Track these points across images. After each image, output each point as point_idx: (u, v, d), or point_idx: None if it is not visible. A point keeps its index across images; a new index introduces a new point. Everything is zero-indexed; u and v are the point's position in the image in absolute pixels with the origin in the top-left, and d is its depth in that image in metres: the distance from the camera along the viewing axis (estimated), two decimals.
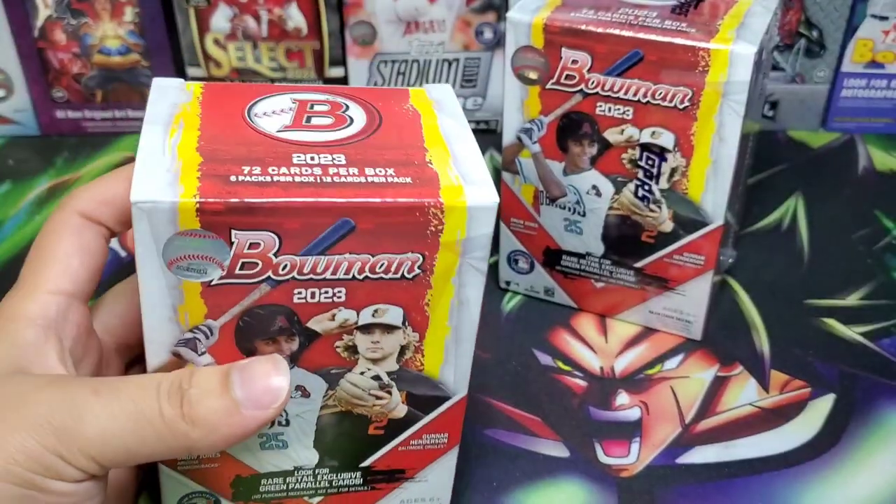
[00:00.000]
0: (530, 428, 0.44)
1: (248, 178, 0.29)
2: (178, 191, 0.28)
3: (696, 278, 0.47)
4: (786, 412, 0.45)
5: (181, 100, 0.34)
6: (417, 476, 0.37)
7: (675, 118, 0.43)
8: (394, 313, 0.32)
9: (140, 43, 0.66)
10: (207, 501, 0.36)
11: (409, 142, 0.33)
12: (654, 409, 0.45)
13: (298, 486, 0.36)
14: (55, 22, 0.65)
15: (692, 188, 0.44)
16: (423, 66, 0.67)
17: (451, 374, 0.35)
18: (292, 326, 0.32)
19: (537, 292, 0.52)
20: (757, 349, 0.49)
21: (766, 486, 0.41)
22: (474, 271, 0.32)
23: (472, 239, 0.31)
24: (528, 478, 0.42)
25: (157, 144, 0.31)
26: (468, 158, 0.33)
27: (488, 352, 0.49)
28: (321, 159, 0.31)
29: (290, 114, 0.34)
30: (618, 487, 0.41)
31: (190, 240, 0.29)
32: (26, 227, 0.59)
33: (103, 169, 0.65)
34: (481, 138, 0.68)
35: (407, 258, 0.31)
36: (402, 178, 0.31)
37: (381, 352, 0.33)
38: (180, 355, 0.32)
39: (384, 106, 0.35)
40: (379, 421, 0.35)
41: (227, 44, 0.66)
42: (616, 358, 0.48)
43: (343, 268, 0.31)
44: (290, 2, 0.65)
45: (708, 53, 0.41)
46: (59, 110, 0.68)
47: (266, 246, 0.30)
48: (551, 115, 0.45)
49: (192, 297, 0.30)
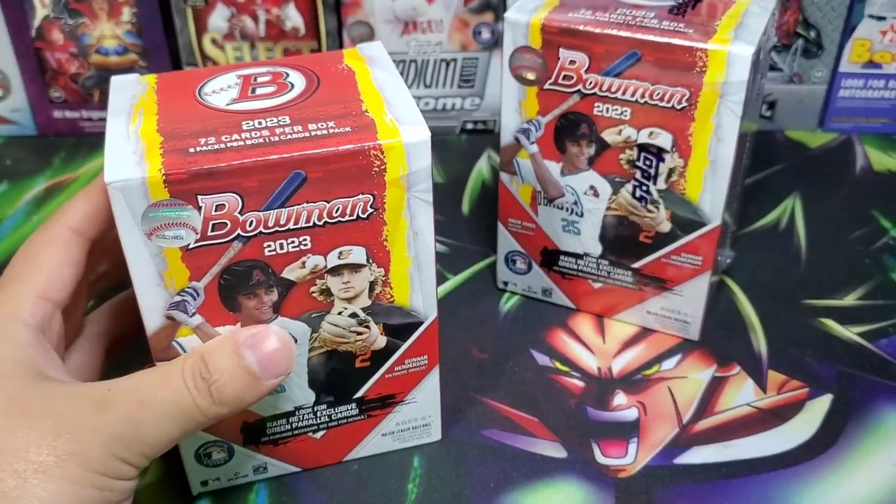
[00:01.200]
0: (528, 428, 0.44)
1: (205, 148, 0.33)
2: (145, 167, 0.32)
3: (693, 279, 0.47)
4: (783, 412, 0.45)
5: (139, 91, 0.37)
6: (407, 398, 0.41)
7: (672, 118, 0.43)
8: (357, 253, 0.36)
9: (137, 43, 0.66)
10: (221, 449, 0.40)
11: (346, 96, 0.36)
12: (651, 409, 0.45)
13: (301, 424, 0.40)
14: (52, 22, 0.65)
15: (690, 188, 0.44)
16: (421, 66, 0.67)
17: (419, 300, 0.38)
18: (269, 278, 0.35)
19: (535, 293, 0.52)
20: (754, 349, 0.49)
21: (764, 486, 0.41)
22: (421, 203, 0.36)
23: (413, 173, 0.35)
24: (526, 478, 0.42)
25: (122, 132, 0.34)
26: (401, 104, 0.36)
27: (486, 352, 0.49)
28: (268, 122, 0.35)
29: (237, 88, 0.37)
30: (615, 488, 0.41)
31: (163, 210, 0.33)
32: (24, 227, 0.59)
33: (101, 169, 0.65)
34: (479, 139, 0.69)
35: (359, 200, 0.35)
36: (343, 128, 0.34)
37: (353, 290, 0.37)
38: (173, 318, 0.35)
39: (321, 69, 0.39)
40: (363, 354, 0.39)
41: (224, 44, 0.66)
42: (613, 358, 0.48)
43: (303, 217, 0.34)
44: (287, 2, 0.65)
45: (706, 54, 0.40)
46: (57, 110, 0.68)
47: (231, 206, 0.33)
48: (549, 115, 0.45)
49: (175, 262, 0.34)
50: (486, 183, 0.64)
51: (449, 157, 0.67)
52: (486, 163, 0.66)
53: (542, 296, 0.52)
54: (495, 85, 0.68)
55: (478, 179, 0.64)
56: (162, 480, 0.42)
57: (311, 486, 0.41)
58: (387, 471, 0.42)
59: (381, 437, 0.42)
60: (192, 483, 0.41)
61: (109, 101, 0.37)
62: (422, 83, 0.68)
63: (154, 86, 0.38)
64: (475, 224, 0.59)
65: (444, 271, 0.55)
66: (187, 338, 0.36)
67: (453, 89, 0.68)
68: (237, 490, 0.41)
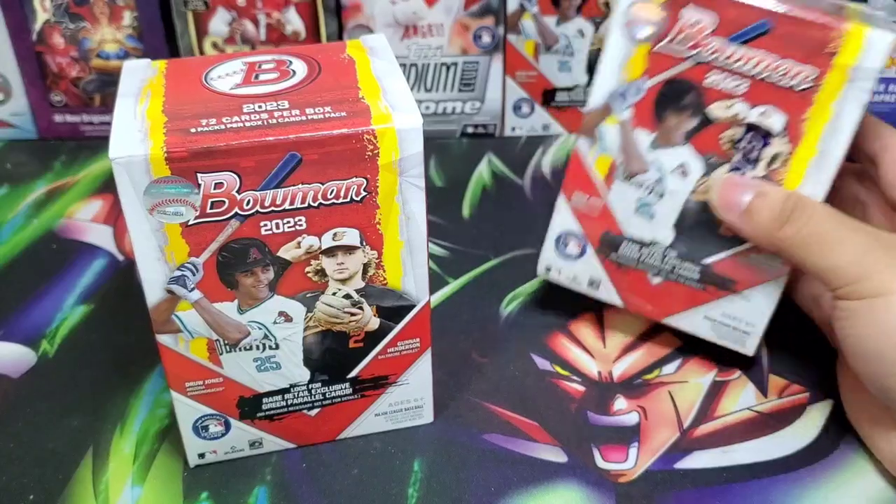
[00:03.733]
0: (528, 433, 0.44)
1: (206, 129, 0.34)
2: (148, 145, 0.34)
3: (767, 283, 0.43)
4: (784, 417, 0.45)
5: (148, 75, 0.39)
6: (399, 380, 0.42)
7: (790, 99, 0.40)
8: (351, 235, 0.37)
9: (138, 47, 0.66)
10: (218, 423, 0.41)
11: (344, 83, 0.38)
12: (652, 414, 0.45)
13: (296, 401, 0.41)
14: (53, 26, 0.65)
15: (790, 179, 0.41)
16: (422, 70, 0.67)
17: (411, 283, 0.39)
18: (265, 257, 0.37)
19: (579, 284, 0.47)
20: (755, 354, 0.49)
21: (765, 491, 0.41)
22: (414, 188, 0.37)
23: (405, 158, 0.36)
24: (526, 483, 0.42)
25: (129, 112, 0.36)
26: (397, 92, 0.37)
27: (486, 356, 0.49)
28: (268, 106, 0.36)
29: (241, 74, 0.39)
30: (616, 493, 0.41)
31: (164, 186, 0.34)
32: (24, 231, 0.59)
33: (101, 173, 0.65)
34: (479, 142, 0.69)
35: (353, 182, 0.36)
36: (338, 113, 0.36)
37: (347, 272, 0.38)
38: (173, 292, 0.37)
39: (323, 57, 0.40)
40: (357, 335, 0.40)
41: (225, 48, 0.66)
42: (614, 363, 0.48)
43: (299, 198, 0.36)
44: (288, 6, 0.65)
45: (841, 34, 0.38)
46: (58, 114, 0.68)
47: (229, 185, 0.35)
48: (655, 78, 0.42)
49: (175, 237, 0.35)
50: (487, 187, 0.64)
51: (449, 161, 0.67)
52: (487, 166, 0.66)
53: (586, 288, 0.47)
54: (495, 89, 0.68)
55: (478, 183, 0.64)
56: (161, 453, 0.42)
57: (312, 488, 0.41)
58: (387, 474, 0.42)
59: (375, 417, 0.43)
60: (190, 455, 0.42)
61: (120, 83, 0.38)
62: (422, 87, 0.68)
63: (163, 70, 0.39)
64: (475, 228, 0.59)
65: (444, 275, 0.55)
66: (187, 312, 0.37)
67: (454, 93, 0.68)
68: (237, 491, 0.41)
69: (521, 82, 0.68)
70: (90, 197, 0.63)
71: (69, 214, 0.61)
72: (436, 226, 0.59)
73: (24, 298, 0.53)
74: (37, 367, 0.48)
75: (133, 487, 0.41)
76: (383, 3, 0.65)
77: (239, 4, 0.64)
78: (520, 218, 0.60)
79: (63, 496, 0.41)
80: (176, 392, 0.40)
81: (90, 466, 0.42)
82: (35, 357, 0.49)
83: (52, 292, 0.54)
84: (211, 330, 0.38)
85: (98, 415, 0.45)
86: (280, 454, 0.43)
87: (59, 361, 0.49)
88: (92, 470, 0.42)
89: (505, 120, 0.70)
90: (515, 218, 0.60)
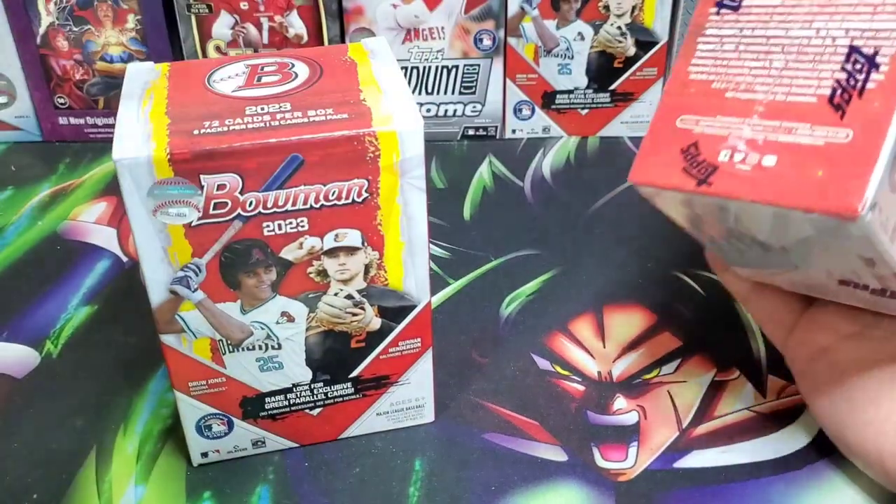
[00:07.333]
0: (528, 432, 0.44)
1: (209, 130, 0.35)
2: (151, 147, 0.34)
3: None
4: (783, 417, 0.45)
5: (152, 77, 0.39)
6: (401, 380, 0.43)
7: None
8: (353, 236, 0.37)
9: (142, 50, 0.67)
10: (221, 422, 0.41)
11: (346, 86, 0.38)
12: (651, 413, 0.45)
13: (298, 400, 0.42)
14: (58, 29, 0.65)
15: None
16: (423, 73, 0.68)
17: (412, 284, 0.40)
18: (268, 258, 0.37)
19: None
20: (754, 354, 0.49)
21: (763, 490, 0.41)
22: (415, 189, 0.37)
23: (406, 160, 0.36)
24: (526, 482, 0.42)
25: (133, 114, 0.36)
26: (398, 94, 0.38)
27: (486, 356, 0.49)
28: (270, 108, 0.36)
29: (244, 76, 0.39)
30: (615, 491, 0.41)
31: (167, 187, 0.34)
32: (28, 233, 0.60)
33: (105, 175, 0.66)
34: (480, 145, 0.69)
35: (354, 184, 0.36)
36: (340, 115, 0.36)
37: (349, 273, 0.38)
38: (176, 293, 0.37)
39: (325, 60, 0.40)
40: (359, 335, 0.40)
41: (228, 51, 0.66)
42: (614, 362, 0.49)
43: (301, 199, 0.36)
44: (290, 9, 0.65)
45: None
46: (62, 117, 0.69)
47: (231, 186, 0.35)
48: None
49: (178, 238, 0.36)
50: (488, 189, 0.64)
51: (450, 163, 0.67)
52: (488, 168, 0.66)
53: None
54: (496, 91, 0.68)
55: (479, 185, 0.64)
56: (164, 453, 0.42)
57: (314, 487, 0.42)
58: (389, 473, 0.42)
59: (376, 417, 0.43)
60: (193, 454, 0.42)
61: (124, 85, 0.39)
62: (423, 90, 0.68)
63: (167, 73, 0.40)
64: (476, 229, 0.60)
65: (445, 276, 0.55)
66: (190, 312, 0.38)
67: (454, 96, 0.69)
68: (240, 490, 0.41)
69: (521, 85, 0.68)
70: (94, 199, 0.63)
71: (73, 216, 0.61)
72: (437, 227, 0.60)
73: (29, 299, 0.54)
74: (41, 367, 0.49)
75: (136, 486, 0.42)
76: (385, 7, 0.65)
77: (242, 8, 0.65)
78: (520, 219, 0.61)
79: (67, 495, 0.41)
80: (179, 392, 0.40)
81: (94, 466, 0.43)
82: (39, 358, 0.49)
83: (56, 293, 0.54)
84: (214, 330, 0.38)
85: (101, 414, 0.46)
86: (282, 453, 0.43)
87: (63, 362, 0.49)
88: (95, 469, 0.43)
89: (505, 122, 0.70)
90: (516, 219, 0.61)
